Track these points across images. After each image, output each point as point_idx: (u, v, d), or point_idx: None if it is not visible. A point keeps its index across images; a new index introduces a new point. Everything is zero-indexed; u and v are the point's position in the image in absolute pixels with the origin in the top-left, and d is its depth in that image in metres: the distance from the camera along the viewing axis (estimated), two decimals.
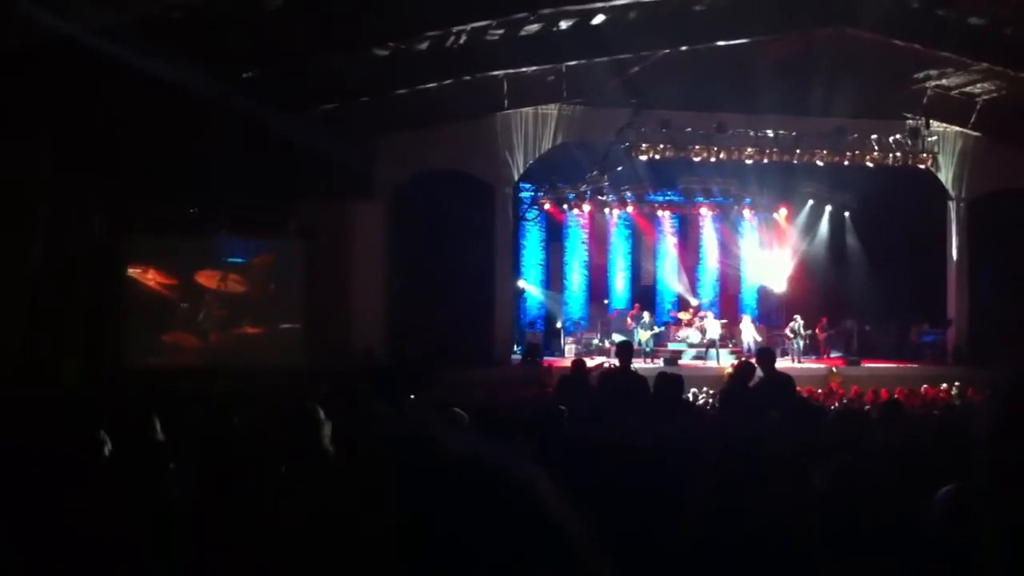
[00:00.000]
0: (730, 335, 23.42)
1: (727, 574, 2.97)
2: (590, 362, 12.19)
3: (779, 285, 25.88)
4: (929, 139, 21.28)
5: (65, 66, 11.73)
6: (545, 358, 21.22)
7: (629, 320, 23.02)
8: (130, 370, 16.67)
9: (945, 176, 22.56)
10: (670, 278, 26.16)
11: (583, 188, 24.06)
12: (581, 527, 0.88)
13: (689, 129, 20.27)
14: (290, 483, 3.61)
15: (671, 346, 22.95)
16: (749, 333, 22.85)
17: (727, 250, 26.47)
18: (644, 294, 25.47)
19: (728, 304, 25.95)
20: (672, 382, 8.10)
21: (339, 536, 0.87)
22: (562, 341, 23.45)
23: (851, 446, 4.32)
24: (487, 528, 0.83)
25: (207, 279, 19.01)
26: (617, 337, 20.81)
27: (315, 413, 4.84)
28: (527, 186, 23.77)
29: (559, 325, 24.11)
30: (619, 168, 22.48)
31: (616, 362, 9.77)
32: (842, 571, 2.66)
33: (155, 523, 3.04)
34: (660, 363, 20.06)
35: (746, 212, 26.25)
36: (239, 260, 19.27)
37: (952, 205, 22.91)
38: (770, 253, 26.19)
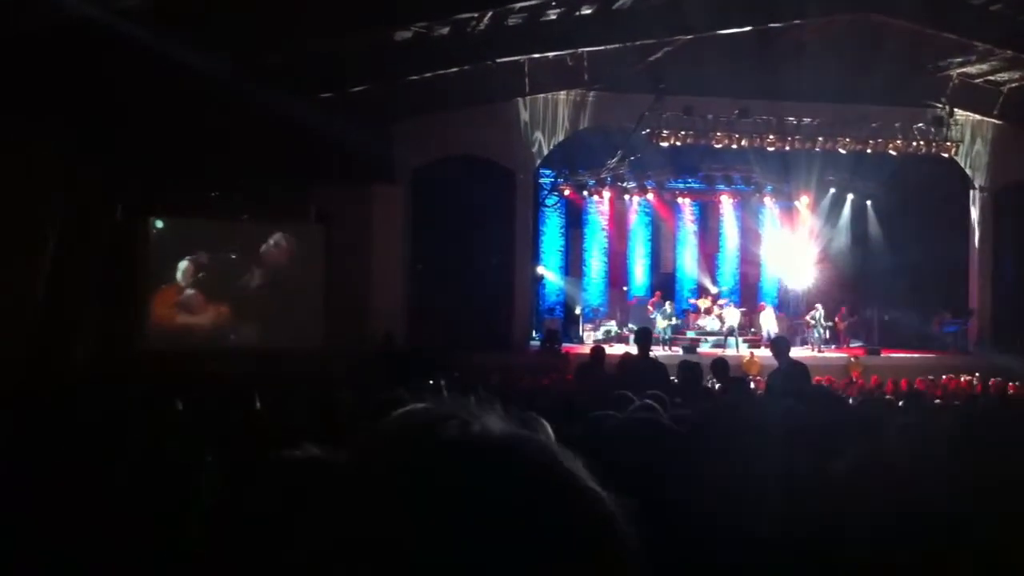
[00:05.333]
0: (749, 324, 23.36)
1: (739, 557, 2.97)
2: (610, 349, 12.22)
3: (800, 274, 25.74)
4: (953, 127, 21.11)
5: (84, 49, 11.76)
6: (564, 344, 21.21)
7: (649, 307, 22.98)
8: (149, 353, 16.75)
9: (968, 164, 22.40)
10: (690, 266, 26.06)
11: (603, 174, 23.98)
12: (613, 502, 0.89)
13: (711, 116, 20.18)
14: (310, 469, 3.62)
15: (690, 334, 22.90)
16: (769, 322, 22.78)
17: (747, 238, 26.34)
18: (664, 281, 25.39)
19: (748, 292, 25.84)
20: (691, 369, 8.12)
21: (363, 520, 0.87)
22: (581, 328, 23.44)
23: (871, 435, 4.31)
24: (518, 504, 0.83)
25: (226, 263, 19.07)
26: (633, 325, 20.80)
27: (335, 397, 4.86)
28: (547, 172, 23.71)
29: (578, 312, 24.07)
30: (640, 154, 22.40)
31: (635, 350, 9.77)
32: (859, 558, 2.66)
33: (180, 514, 3.05)
34: (679, 351, 20.03)
35: (767, 200, 26.10)
36: (258, 244, 19.30)
37: (975, 194, 22.76)
38: (791, 241, 26.04)
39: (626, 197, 25.40)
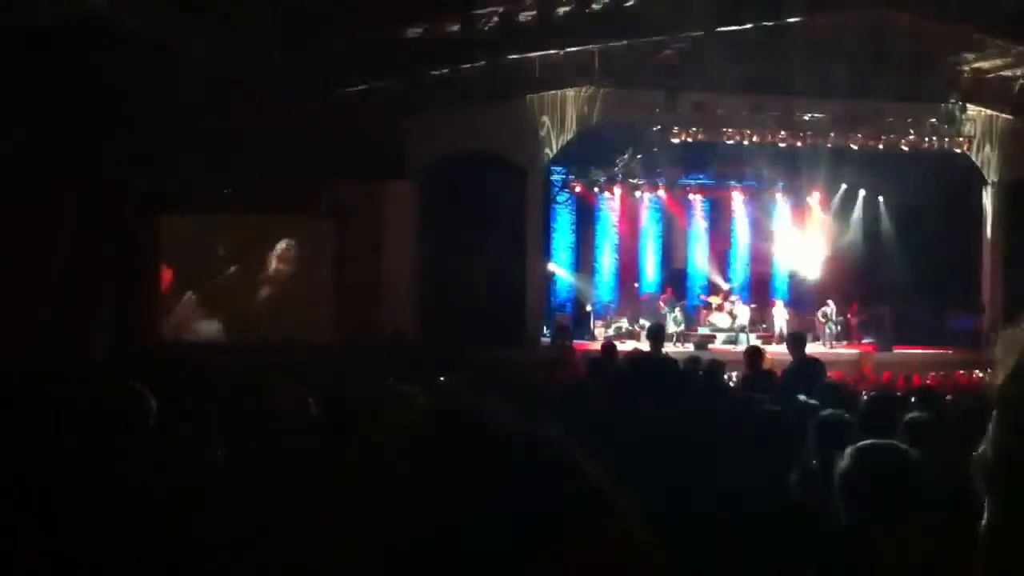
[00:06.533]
0: (761, 320, 23.31)
1: (746, 544, 2.98)
2: (621, 346, 12.21)
3: (811, 270, 25.67)
4: (965, 123, 21.01)
5: (97, 43, 11.79)
6: (575, 341, 21.21)
7: (661, 304, 22.96)
8: (161, 349, 16.82)
9: (981, 160, 22.29)
10: (701, 262, 26.00)
11: (614, 171, 23.97)
12: (620, 496, 0.90)
13: (722, 112, 20.12)
14: (323, 460, 3.63)
15: (701, 330, 22.87)
16: (781, 318, 22.74)
17: (759, 234, 26.26)
18: (675, 278, 25.34)
19: (759, 289, 25.77)
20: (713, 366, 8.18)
21: (377, 510, 0.88)
22: (592, 324, 23.42)
23: (882, 430, 4.30)
24: (527, 496, 0.84)
25: (238, 258, 19.13)
26: (645, 321, 20.80)
27: (345, 392, 4.87)
28: (558, 168, 23.72)
29: (589, 308, 24.06)
30: (651, 151, 22.37)
31: (647, 346, 9.75)
32: (864, 547, 2.66)
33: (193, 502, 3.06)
34: (690, 347, 20.02)
35: (778, 196, 26.01)
36: (270, 239, 19.36)
37: (988, 189, 22.66)
38: (802, 237, 25.96)
39: (637, 193, 25.36)
